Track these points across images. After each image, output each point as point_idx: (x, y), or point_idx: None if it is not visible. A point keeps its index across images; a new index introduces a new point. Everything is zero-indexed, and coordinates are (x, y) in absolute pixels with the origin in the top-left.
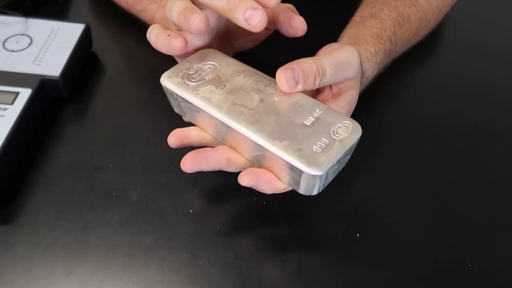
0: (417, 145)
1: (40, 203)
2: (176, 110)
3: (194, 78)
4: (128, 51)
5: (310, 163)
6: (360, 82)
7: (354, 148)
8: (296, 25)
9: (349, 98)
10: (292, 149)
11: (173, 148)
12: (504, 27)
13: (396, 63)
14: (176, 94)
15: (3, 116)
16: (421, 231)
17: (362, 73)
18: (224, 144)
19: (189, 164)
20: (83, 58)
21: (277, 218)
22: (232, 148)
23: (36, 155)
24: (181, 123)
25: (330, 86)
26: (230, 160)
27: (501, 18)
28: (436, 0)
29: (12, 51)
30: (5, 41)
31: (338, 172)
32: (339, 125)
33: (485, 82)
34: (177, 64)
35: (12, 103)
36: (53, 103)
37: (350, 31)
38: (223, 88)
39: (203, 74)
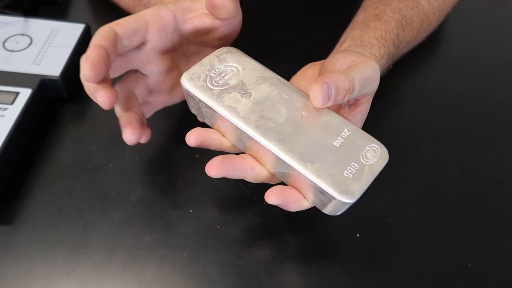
0: (417, 145)
1: (40, 203)
2: (194, 111)
3: (217, 82)
4: None
5: (342, 190)
6: None
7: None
8: (218, 3)
9: (365, 110)
10: (324, 174)
11: (173, 148)
12: (504, 27)
13: (396, 63)
14: (198, 98)
15: (3, 116)
16: (421, 231)
17: (376, 88)
18: (245, 152)
19: (216, 169)
20: None
21: (277, 218)
22: (255, 158)
23: (36, 155)
24: (180, 123)
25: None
26: (255, 170)
27: (501, 18)
28: (437, 1)
29: (12, 51)
30: (5, 41)
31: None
32: (368, 148)
33: (485, 82)
34: (198, 63)
35: (12, 103)
36: (53, 103)
37: (354, 32)
38: (249, 97)
39: (226, 78)
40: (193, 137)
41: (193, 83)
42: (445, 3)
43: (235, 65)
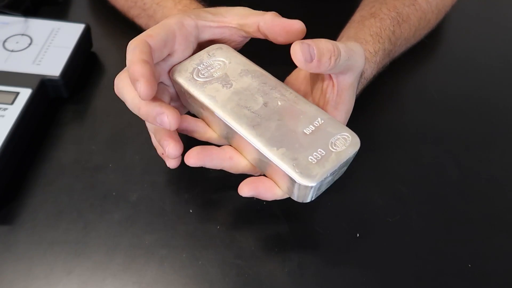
0: (417, 145)
1: (40, 203)
2: (184, 104)
3: (203, 74)
4: None
5: (303, 173)
6: (359, 82)
7: (351, 161)
8: (296, 28)
9: (347, 99)
10: (288, 158)
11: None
12: (504, 27)
13: (395, 62)
14: (183, 88)
15: (3, 116)
16: (421, 231)
17: (362, 73)
18: (228, 144)
19: (194, 158)
20: (83, 58)
21: (277, 218)
22: (236, 149)
23: (36, 155)
24: None
25: (332, 84)
26: (233, 160)
27: (501, 18)
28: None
29: (12, 51)
30: (5, 41)
31: (333, 182)
32: (338, 136)
33: (485, 82)
34: (189, 58)
35: (12, 103)
36: (53, 103)
37: (349, 30)
38: (229, 88)
39: (212, 70)
40: (177, 122)
41: (180, 75)
42: (444, 1)
43: (222, 59)
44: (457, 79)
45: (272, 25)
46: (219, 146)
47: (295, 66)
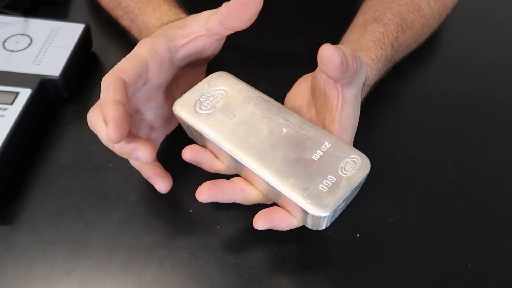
0: (417, 145)
1: (40, 203)
2: (190, 136)
3: (206, 106)
4: (128, 51)
5: (315, 204)
6: (362, 90)
7: (363, 183)
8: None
9: (352, 112)
10: (298, 188)
11: (173, 149)
12: (504, 27)
13: (395, 64)
14: (187, 123)
15: (3, 116)
16: (421, 231)
17: (364, 81)
18: (236, 173)
19: (205, 194)
20: (83, 58)
21: None
22: (245, 179)
23: (36, 155)
24: (180, 126)
25: (337, 98)
26: (244, 192)
27: (500, 18)
28: (437, 4)
29: (12, 51)
30: (5, 41)
31: (347, 205)
32: (347, 160)
33: (485, 82)
34: (190, 90)
35: (12, 103)
36: (53, 103)
37: (351, 35)
38: (232, 118)
39: (214, 101)
40: (188, 152)
41: (183, 109)
42: (445, 5)
43: (224, 88)
44: (457, 79)
45: (228, 11)
46: (228, 176)
47: (300, 66)
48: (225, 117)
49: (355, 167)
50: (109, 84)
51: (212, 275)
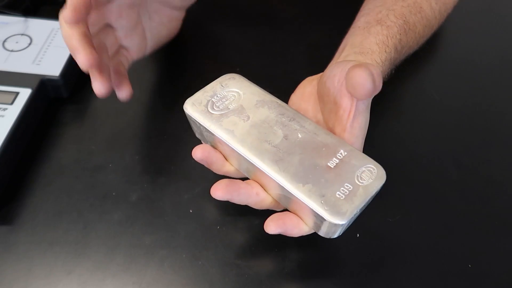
0: (417, 145)
1: (40, 203)
2: (197, 136)
3: (218, 107)
4: None
5: (333, 211)
6: None
7: (377, 193)
8: None
9: (364, 123)
10: (316, 195)
11: (173, 149)
12: (504, 27)
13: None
14: (199, 123)
15: (3, 116)
16: (421, 231)
17: None
18: (246, 176)
19: (221, 191)
20: None
21: None
22: (259, 184)
23: (36, 155)
24: (180, 124)
25: (350, 109)
26: (259, 196)
27: (500, 18)
28: (438, 4)
29: (12, 51)
30: (5, 41)
31: (358, 215)
32: (363, 169)
33: (485, 82)
34: (201, 90)
35: (12, 103)
36: (52, 103)
37: (354, 38)
38: (246, 120)
39: (226, 102)
40: (200, 152)
41: (194, 108)
42: (446, 6)
43: (236, 90)
44: (457, 80)
45: None
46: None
47: (300, 66)
48: (239, 119)
49: (371, 177)
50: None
51: (212, 275)
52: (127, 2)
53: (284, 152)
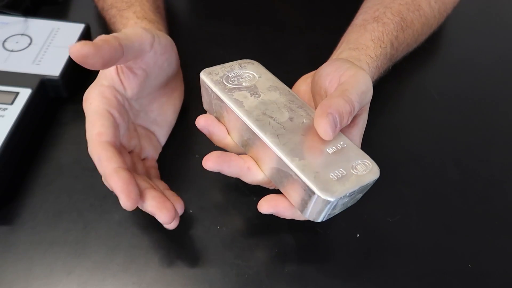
0: (417, 145)
1: (40, 203)
2: (205, 106)
3: (232, 82)
4: None
5: (323, 187)
6: None
7: (367, 189)
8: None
9: (361, 124)
10: (309, 170)
11: (173, 148)
12: (503, 27)
13: (396, 64)
14: (211, 89)
15: (3, 116)
16: (421, 231)
17: (371, 97)
18: (243, 153)
19: (212, 162)
20: None
21: (277, 218)
22: (253, 158)
23: (36, 155)
24: (180, 124)
25: None
26: (250, 171)
27: (500, 18)
28: (438, 4)
29: (12, 51)
30: (5, 41)
31: (346, 207)
32: (359, 162)
33: (485, 82)
34: (220, 65)
35: (12, 103)
36: (52, 103)
37: (350, 35)
38: (257, 97)
39: (241, 80)
40: (203, 120)
41: (210, 77)
42: (445, 5)
43: (253, 73)
44: (457, 79)
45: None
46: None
47: (300, 66)
48: (250, 94)
49: (365, 170)
50: (99, 156)
51: (212, 275)
52: (133, 118)
53: (287, 129)
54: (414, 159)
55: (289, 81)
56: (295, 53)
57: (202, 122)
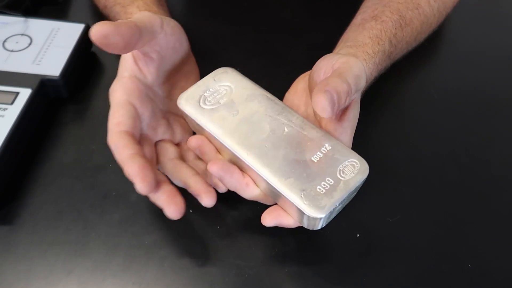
0: (417, 145)
1: (40, 203)
2: (193, 129)
3: (210, 102)
4: None
5: (312, 205)
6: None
7: (360, 187)
8: None
9: (352, 116)
10: (296, 189)
11: None
12: (504, 26)
13: (395, 63)
14: (190, 117)
15: (3, 116)
16: (421, 231)
17: (364, 86)
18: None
19: (217, 167)
20: (83, 58)
21: None
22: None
23: (36, 155)
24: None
25: None
26: (248, 187)
27: (500, 17)
28: (437, 2)
29: (12, 51)
30: (5, 41)
31: (343, 207)
32: (346, 163)
33: (485, 81)
34: (195, 85)
35: (12, 103)
36: (52, 103)
37: (349, 34)
38: (235, 115)
39: (218, 97)
40: (195, 140)
41: (187, 103)
42: (445, 4)
43: (228, 84)
44: (457, 79)
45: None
46: None
47: (300, 66)
48: (228, 114)
49: (353, 171)
50: (116, 145)
51: (212, 275)
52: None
53: (270, 146)
54: (414, 159)
55: (289, 81)
56: (295, 53)
57: (193, 143)
